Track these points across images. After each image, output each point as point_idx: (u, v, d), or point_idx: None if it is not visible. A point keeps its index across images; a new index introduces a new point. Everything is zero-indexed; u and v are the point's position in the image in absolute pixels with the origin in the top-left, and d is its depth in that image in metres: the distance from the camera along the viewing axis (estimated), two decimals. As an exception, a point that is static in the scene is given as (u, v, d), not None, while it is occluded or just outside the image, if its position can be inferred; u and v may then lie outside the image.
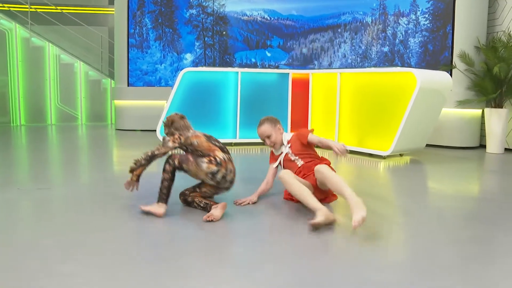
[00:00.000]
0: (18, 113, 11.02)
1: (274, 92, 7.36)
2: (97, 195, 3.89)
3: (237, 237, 2.89)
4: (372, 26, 8.36)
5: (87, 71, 11.48)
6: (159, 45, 9.58)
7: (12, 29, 10.85)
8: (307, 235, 2.85)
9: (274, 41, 9.29)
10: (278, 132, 3.81)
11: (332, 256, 2.54)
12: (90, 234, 2.80)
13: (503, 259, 2.49)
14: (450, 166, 5.86)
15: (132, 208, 3.42)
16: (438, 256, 2.53)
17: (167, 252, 2.50)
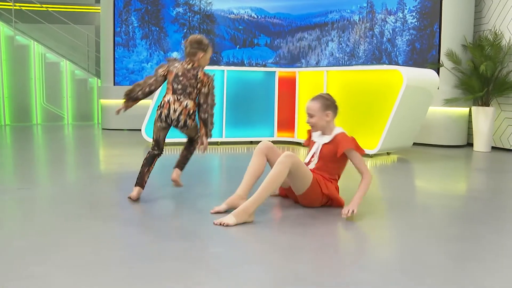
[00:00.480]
0: (3, 113, 10.86)
1: (261, 91, 7.30)
2: (78, 196, 3.81)
3: (220, 236, 2.83)
4: (360, 24, 8.33)
5: (73, 70, 11.34)
6: (146, 44, 9.48)
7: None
8: (292, 234, 2.79)
9: (261, 40, 9.24)
10: (323, 118, 3.46)
11: (316, 255, 2.49)
12: (67, 235, 2.72)
13: (488, 258, 2.45)
14: (437, 164, 5.84)
15: (111, 209, 3.34)
16: (423, 255, 2.48)
17: (145, 253, 2.43)
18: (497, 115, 7.33)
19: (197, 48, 3.64)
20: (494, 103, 7.36)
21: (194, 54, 3.64)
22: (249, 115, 7.24)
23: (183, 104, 3.57)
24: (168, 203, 3.61)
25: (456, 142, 7.59)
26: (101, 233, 2.77)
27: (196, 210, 3.34)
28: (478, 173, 5.50)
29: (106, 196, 3.81)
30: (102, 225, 2.93)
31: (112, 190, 4.09)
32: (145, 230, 2.87)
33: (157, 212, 3.30)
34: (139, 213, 3.28)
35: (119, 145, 7.28)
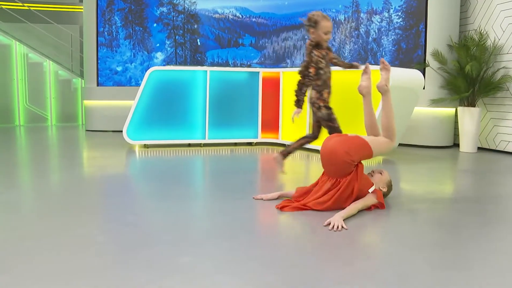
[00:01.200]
0: (-15, 114, 10.67)
1: (244, 91, 7.18)
2: (52, 200, 3.67)
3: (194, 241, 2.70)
4: (345, 24, 8.23)
5: (57, 71, 11.16)
6: (129, 44, 9.33)
7: (-23, 27, 10.50)
8: (273, 238, 2.68)
9: (246, 40, 9.12)
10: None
11: (290, 264, 2.37)
12: (37, 241, 2.58)
13: (470, 266, 2.35)
14: (423, 166, 5.76)
15: (83, 214, 3.21)
16: (400, 263, 2.37)
17: (115, 262, 2.30)
18: (483, 115, 7.27)
19: (308, 26, 3.94)
20: (480, 104, 7.30)
21: (308, 32, 4.03)
22: (233, 116, 7.12)
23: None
24: (143, 208, 3.48)
25: (443, 143, 7.51)
26: (71, 240, 2.64)
27: (170, 215, 3.21)
28: (463, 174, 5.42)
29: (80, 200, 3.67)
30: (73, 231, 2.80)
31: (87, 194, 3.95)
32: (115, 238, 2.74)
33: (131, 218, 3.16)
34: (112, 219, 3.15)
35: (101, 147, 7.14)
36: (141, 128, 6.83)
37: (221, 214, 3.33)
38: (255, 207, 3.52)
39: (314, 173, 5.28)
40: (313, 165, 5.86)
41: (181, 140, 7.00)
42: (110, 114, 9.20)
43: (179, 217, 3.22)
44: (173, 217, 3.21)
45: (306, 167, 5.80)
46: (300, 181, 4.80)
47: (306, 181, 4.82)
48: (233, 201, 3.70)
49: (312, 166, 5.79)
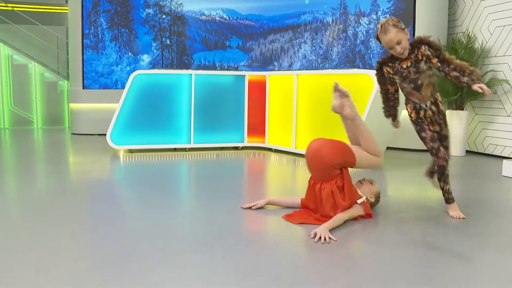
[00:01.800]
0: (-31, 117, 10.50)
1: (230, 95, 7.08)
2: (31, 209, 3.54)
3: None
4: (333, 26, 8.15)
5: (43, 73, 11.00)
6: (115, 46, 9.19)
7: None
8: (257, 247, 2.58)
9: (233, 42, 9.01)
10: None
11: (269, 271, 2.27)
12: (8, 252, 2.47)
13: (452, 282, 2.26)
14: (411, 171, 5.69)
15: (60, 225, 3.09)
16: (383, 277, 2.28)
17: (86, 280, 2.19)
18: (471, 118, 7.21)
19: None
20: (468, 107, 7.24)
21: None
22: (218, 120, 7.01)
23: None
24: (123, 217, 3.37)
25: (431, 146, 7.45)
26: (43, 256, 2.52)
27: (151, 225, 3.11)
28: (451, 179, 5.33)
29: (59, 210, 3.55)
30: (47, 244, 2.68)
31: (67, 202, 3.83)
32: (89, 252, 2.63)
33: (109, 229, 3.05)
34: (90, 229, 3.03)
35: (85, 152, 7.02)
36: (125, 133, 6.71)
37: (204, 223, 3.23)
38: (239, 215, 3.42)
39: (301, 177, 5.19)
40: (299, 170, 5.77)
41: (166, 144, 6.89)
42: (96, 117, 9.07)
43: (160, 226, 3.11)
44: (153, 226, 3.11)
45: (293, 171, 5.71)
46: (287, 186, 4.71)
47: (293, 186, 4.74)
48: (218, 209, 3.60)
49: (299, 171, 5.70)
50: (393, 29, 3.22)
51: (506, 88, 6.68)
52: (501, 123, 6.77)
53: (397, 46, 3.26)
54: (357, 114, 3.50)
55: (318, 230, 2.96)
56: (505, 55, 6.69)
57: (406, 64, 3.39)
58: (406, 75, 3.42)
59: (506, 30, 6.66)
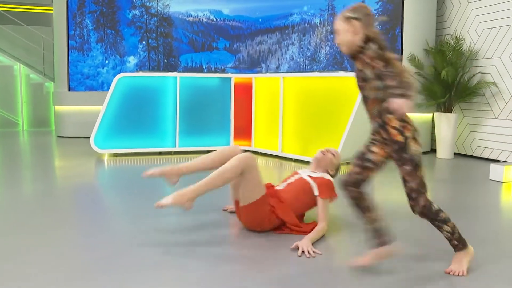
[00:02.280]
0: (-48, 119, 10.33)
1: (216, 98, 6.98)
2: (5, 217, 3.43)
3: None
4: (321, 27, 8.07)
5: (28, 74, 10.82)
6: (101, 48, 9.06)
7: None
8: (232, 258, 2.49)
9: (220, 43, 8.91)
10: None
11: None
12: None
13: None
14: (396, 175, 5.60)
15: (32, 236, 2.98)
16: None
17: None
18: (459, 121, 7.16)
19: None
20: (457, 109, 7.19)
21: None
22: (204, 123, 6.91)
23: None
24: (98, 227, 3.26)
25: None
26: (17, 265, 2.42)
27: (124, 237, 2.99)
28: (438, 185, 5.26)
29: (34, 218, 3.43)
30: (12, 259, 2.57)
31: (44, 210, 3.72)
32: (49, 269, 2.52)
33: (81, 240, 2.95)
34: (60, 242, 2.92)
35: (69, 156, 6.93)
36: (110, 136, 6.59)
37: (181, 234, 3.13)
38: (223, 224, 3.32)
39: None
40: (286, 174, 5.68)
41: (151, 148, 6.78)
42: (82, 120, 8.92)
43: (132, 239, 3.01)
44: (126, 239, 3.01)
45: (279, 175, 5.62)
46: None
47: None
48: (199, 217, 3.50)
49: (285, 175, 5.60)
50: (339, 17, 2.53)
51: (494, 91, 6.63)
52: (489, 125, 6.72)
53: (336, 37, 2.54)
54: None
55: (301, 244, 2.85)
56: (493, 57, 6.64)
57: (357, 66, 2.51)
58: (356, 80, 2.56)
59: (493, 32, 6.61)
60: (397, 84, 2.25)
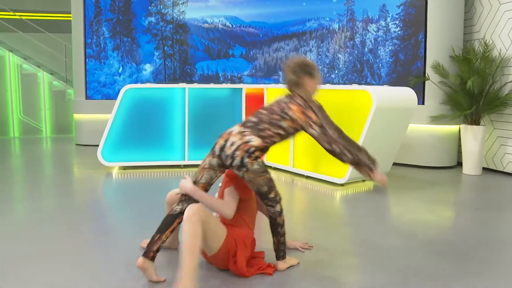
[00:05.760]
0: (-21, 126, 10.49)
1: (227, 109, 6.70)
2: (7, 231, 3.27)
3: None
4: (339, 33, 7.66)
5: (51, 81, 10.88)
6: (117, 56, 8.95)
7: (-30, 38, 10.31)
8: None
9: (236, 50, 8.62)
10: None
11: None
12: None
13: None
14: (417, 195, 5.17)
15: (38, 248, 2.79)
16: None
17: None
18: (489, 133, 6.62)
19: (298, 72, 2.85)
20: (486, 121, 6.65)
21: (294, 82, 2.86)
22: (214, 136, 6.51)
23: (245, 138, 2.70)
24: (88, 256, 3.04)
25: (444, 163, 6.89)
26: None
27: (119, 265, 2.76)
28: (459, 209, 4.78)
29: (35, 233, 3.26)
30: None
31: (41, 231, 3.54)
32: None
33: (77, 259, 2.73)
34: (62, 259, 2.72)
35: (80, 166, 6.87)
36: (117, 149, 6.44)
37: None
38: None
39: (299, 199, 4.77)
40: (297, 190, 5.35)
41: (160, 161, 6.57)
42: (98, 128, 8.82)
43: (128, 265, 2.77)
44: (121, 268, 2.77)
45: (290, 192, 5.28)
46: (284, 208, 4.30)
47: (291, 208, 4.34)
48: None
49: (296, 191, 5.27)
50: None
51: (526, 101, 6.07)
52: (521, 139, 6.17)
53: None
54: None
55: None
56: (526, 65, 6.09)
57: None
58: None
59: (526, 38, 6.06)
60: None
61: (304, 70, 2.89)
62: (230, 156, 2.67)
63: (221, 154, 2.73)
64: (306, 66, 2.92)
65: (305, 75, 2.89)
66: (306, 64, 2.93)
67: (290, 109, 2.78)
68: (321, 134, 2.74)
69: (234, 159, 2.66)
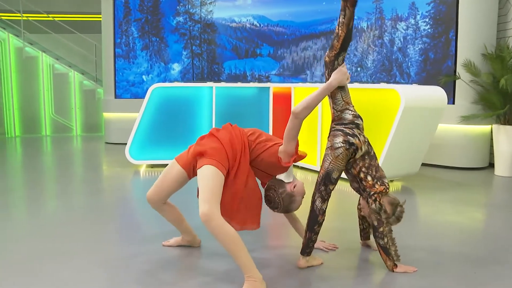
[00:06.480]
0: (13, 124, 10.76)
1: (254, 108, 6.70)
2: (33, 228, 3.35)
3: None
4: (368, 32, 7.56)
5: (82, 81, 11.10)
6: (146, 55, 9.06)
7: (5, 39, 10.59)
8: None
9: (264, 50, 8.61)
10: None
11: None
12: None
13: None
14: (447, 196, 5.06)
15: (65, 250, 2.85)
16: None
17: None
18: (523, 134, 6.43)
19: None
20: (520, 120, 6.46)
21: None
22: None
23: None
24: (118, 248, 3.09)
25: (475, 163, 6.72)
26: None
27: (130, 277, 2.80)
28: (493, 212, 4.66)
29: (62, 230, 3.33)
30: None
31: (71, 224, 3.62)
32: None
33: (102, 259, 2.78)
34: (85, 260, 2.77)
35: (108, 164, 6.98)
36: (145, 148, 6.51)
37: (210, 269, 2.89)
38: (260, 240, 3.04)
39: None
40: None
41: (186, 160, 6.61)
42: (126, 127, 8.96)
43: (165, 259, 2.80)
44: (143, 265, 2.80)
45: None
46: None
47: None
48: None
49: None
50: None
51: (562, 101, 5.87)
52: (557, 140, 5.97)
53: None
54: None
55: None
56: (562, 63, 5.89)
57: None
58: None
59: None
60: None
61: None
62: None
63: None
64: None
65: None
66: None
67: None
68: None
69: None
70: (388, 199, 2.88)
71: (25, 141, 9.73)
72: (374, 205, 2.84)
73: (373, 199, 2.85)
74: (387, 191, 2.87)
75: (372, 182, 2.86)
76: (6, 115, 10.74)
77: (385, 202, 2.86)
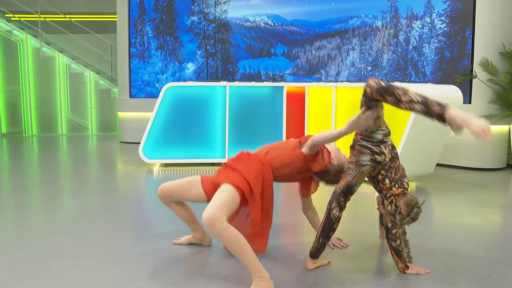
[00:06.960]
0: (30, 123, 10.91)
1: (267, 107, 6.69)
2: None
3: None
4: (383, 31, 7.50)
5: (97, 81, 11.20)
6: (161, 55, 9.10)
7: (23, 39, 10.73)
8: None
9: (278, 49, 8.58)
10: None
11: None
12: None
13: None
14: (462, 197, 4.99)
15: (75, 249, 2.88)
16: None
17: None
18: (541, 134, 6.33)
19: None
20: (538, 120, 6.35)
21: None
22: (255, 134, 6.64)
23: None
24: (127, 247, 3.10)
25: (492, 164, 6.62)
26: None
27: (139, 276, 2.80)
28: (510, 213, 4.58)
29: (74, 229, 3.36)
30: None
31: (83, 224, 3.65)
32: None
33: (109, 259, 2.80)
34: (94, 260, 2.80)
35: (123, 163, 7.04)
36: (158, 147, 6.55)
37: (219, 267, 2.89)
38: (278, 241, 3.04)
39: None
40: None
41: (200, 159, 6.63)
42: (141, 126, 9.00)
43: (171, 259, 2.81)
44: (154, 263, 2.81)
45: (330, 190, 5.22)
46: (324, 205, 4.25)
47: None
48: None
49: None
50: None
51: None
52: None
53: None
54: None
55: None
56: None
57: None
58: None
59: None
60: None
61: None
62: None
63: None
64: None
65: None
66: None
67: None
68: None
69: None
70: (404, 200, 2.82)
71: (42, 140, 9.85)
72: (389, 207, 2.81)
73: (389, 201, 2.81)
74: (405, 192, 2.82)
75: (389, 185, 2.81)
76: (23, 115, 10.88)
77: (401, 203, 2.81)
